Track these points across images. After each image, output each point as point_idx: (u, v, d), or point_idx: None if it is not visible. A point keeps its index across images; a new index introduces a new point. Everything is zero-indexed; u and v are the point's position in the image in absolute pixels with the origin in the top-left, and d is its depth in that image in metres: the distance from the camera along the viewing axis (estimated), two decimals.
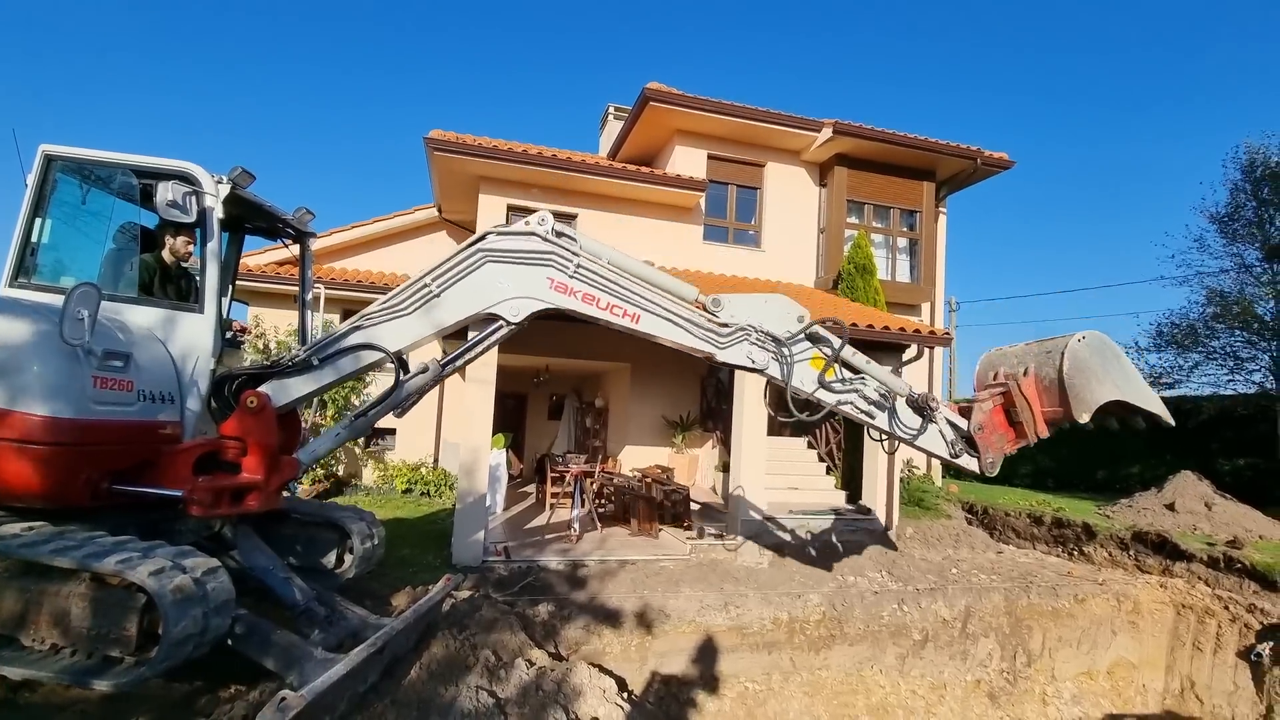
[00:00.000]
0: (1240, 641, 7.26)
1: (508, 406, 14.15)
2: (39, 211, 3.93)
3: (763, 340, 4.03)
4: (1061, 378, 3.76)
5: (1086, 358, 3.76)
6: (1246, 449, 12.22)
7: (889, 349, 9.23)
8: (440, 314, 3.84)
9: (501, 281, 3.81)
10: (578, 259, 3.81)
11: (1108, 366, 3.79)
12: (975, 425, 4.07)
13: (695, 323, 3.96)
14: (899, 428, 4.15)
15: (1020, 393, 3.92)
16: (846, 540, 8.75)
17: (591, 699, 4.18)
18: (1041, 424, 3.93)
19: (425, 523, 8.84)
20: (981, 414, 4.06)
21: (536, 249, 3.80)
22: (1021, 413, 3.93)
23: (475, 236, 3.83)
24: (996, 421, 4.06)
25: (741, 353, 4.01)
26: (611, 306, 3.87)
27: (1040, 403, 3.92)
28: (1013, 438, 4.07)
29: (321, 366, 3.88)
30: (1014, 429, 4.04)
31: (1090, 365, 3.75)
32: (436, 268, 3.83)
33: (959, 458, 4.15)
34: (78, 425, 3.32)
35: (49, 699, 3.42)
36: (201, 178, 3.91)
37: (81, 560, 3.04)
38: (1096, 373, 3.74)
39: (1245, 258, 12.46)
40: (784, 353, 4.01)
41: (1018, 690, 6.97)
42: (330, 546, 4.89)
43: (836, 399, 4.09)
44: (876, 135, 11.70)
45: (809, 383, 4.06)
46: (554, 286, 3.81)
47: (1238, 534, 8.66)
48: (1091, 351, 3.78)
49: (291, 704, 2.80)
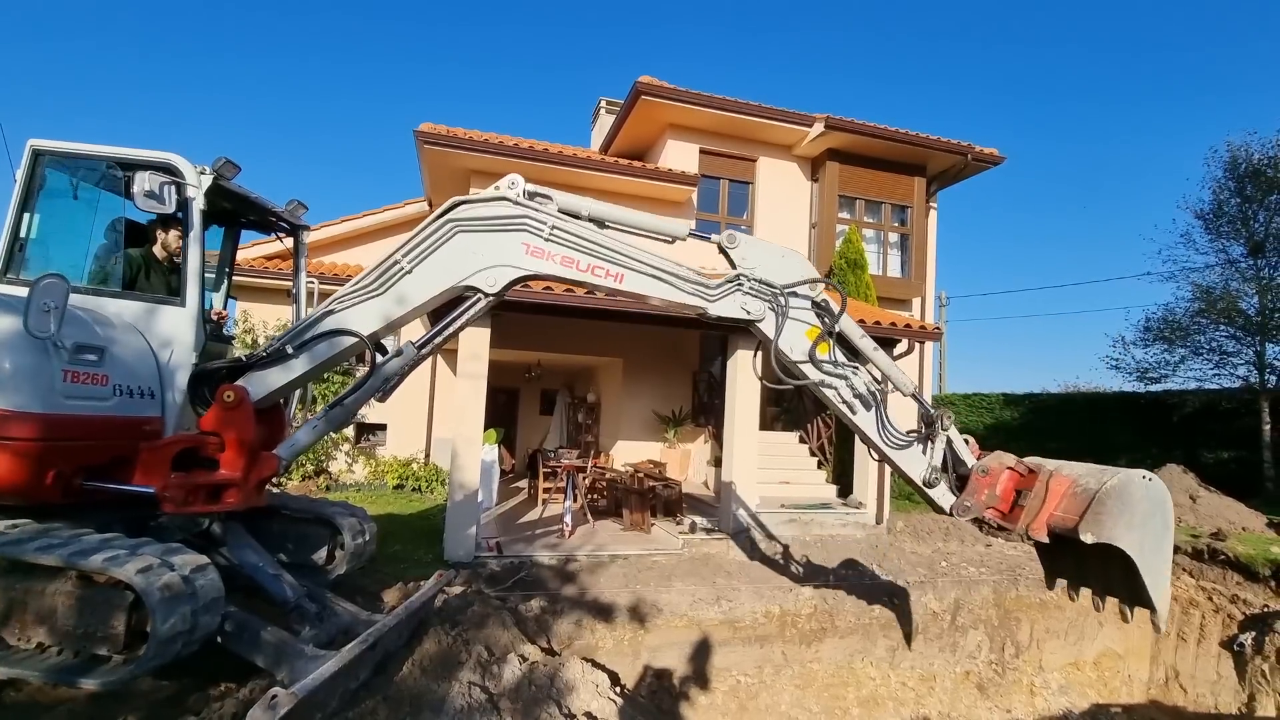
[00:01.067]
0: (1223, 632, 7.38)
1: (499, 401, 14.12)
2: (27, 206, 3.89)
3: (757, 289, 3.81)
4: (1099, 492, 3.36)
5: (1136, 495, 3.34)
6: (1230, 442, 12.39)
7: (880, 344, 9.24)
8: (414, 291, 3.66)
9: (475, 251, 3.61)
10: (552, 220, 3.61)
11: (1150, 521, 3.36)
12: (980, 466, 3.76)
13: (683, 277, 3.75)
14: (883, 433, 3.90)
15: (1045, 483, 3.57)
16: (838, 534, 8.81)
17: (584, 693, 4.18)
18: (1042, 521, 3.56)
19: (417, 518, 8.82)
20: (996, 463, 3.74)
21: (508, 214, 3.60)
22: (1032, 499, 3.58)
23: (444, 206, 3.62)
24: (1002, 482, 3.73)
25: (735, 304, 3.80)
26: (592, 268, 3.66)
27: (1057, 503, 3.54)
28: (1003, 511, 3.72)
29: (297, 355, 3.73)
30: (1011, 508, 3.70)
31: (1134, 504, 3.33)
32: (407, 243, 3.64)
33: (931, 487, 3.85)
34: (45, 420, 3.26)
35: (35, 698, 3.39)
36: (183, 168, 3.86)
37: (67, 558, 3.00)
38: (1134, 515, 3.32)
39: (1230, 253, 12.61)
40: (780, 302, 3.80)
41: (1006, 681, 7.05)
42: (321, 543, 4.86)
43: (820, 378, 3.86)
44: (868, 130, 11.71)
45: (799, 350, 3.86)
46: (530, 252, 3.61)
47: (1222, 526, 8.78)
48: (1145, 494, 3.36)
49: (282, 701, 2.79)
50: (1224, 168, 12.38)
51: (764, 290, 3.83)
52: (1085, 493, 3.43)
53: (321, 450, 11.24)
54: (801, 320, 3.90)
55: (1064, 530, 3.45)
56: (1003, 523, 3.72)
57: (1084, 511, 3.37)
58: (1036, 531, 3.57)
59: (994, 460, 3.76)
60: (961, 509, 3.76)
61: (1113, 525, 3.31)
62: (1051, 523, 3.52)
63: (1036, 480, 3.62)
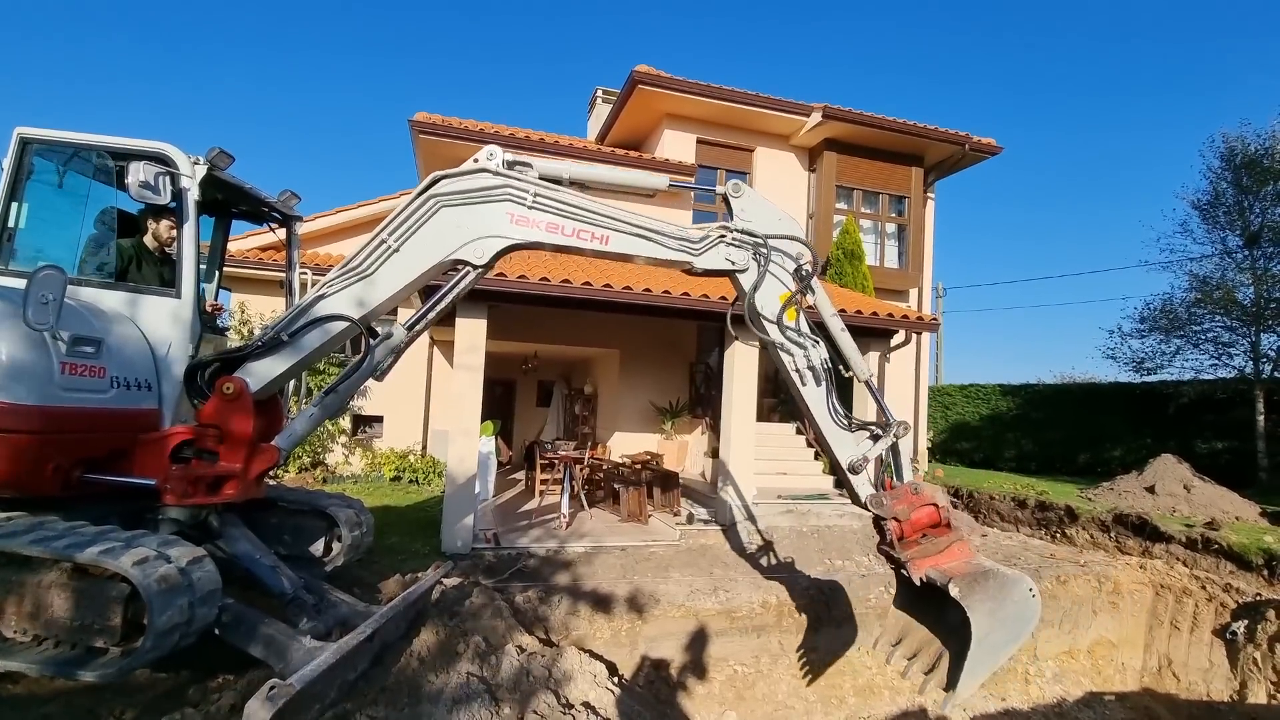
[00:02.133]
0: (1216, 620, 7.43)
1: (496, 393, 14.10)
2: (15, 196, 3.84)
3: (740, 239, 3.87)
4: (988, 569, 3.53)
5: (1014, 595, 3.46)
6: (1225, 432, 12.44)
7: (877, 334, 9.28)
8: (404, 269, 3.66)
9: (460, 225, 3.63)
10: (535, 188, 3.65)
11: (1008, 622, 3.45)
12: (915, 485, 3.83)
13: (667, 234, 3.81)
14: (828, 410, 3.94)
15: (953, 540, 3.69)
16: (835, 524, 8.84)
17: (582, 683, 4.20)
18: (923, 563, 3.64)
19: (414, 510, 8.82)
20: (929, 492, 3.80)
21: (489, 185, 3.63)
22: (931, 543, 3.69)
23: (425, 182, 3.62)
24: (921, 508, 3.77)
25: (719, 255, 3.86)
26: (578, 232, 3.70)
27: (944, 560, 3.64)
28: (905, 532, 3.76)
29: (292, 342, 3.71)
30: (916, 536, 3.77)
31: (1007, 600, 3.46)
32: (391, 221, 3.64)
33: (855, 473, 3.89)
34: (44, 412, 3.24)
35: (33, 690, 3.38)
36: (177, 159, 3.82)
37: (63, 550, 2.99)
38: (1001, 607, 3.44)
39: (1227, 243, 12.62)
40: (763, 253, 3.86)
41: (1000, 670, 7.10)
42: (318, 534, 4.86)
43: (781, 341, 3.93)
44: (866, 120, 11.66)
45: (769, 309, 3.92)
46: (515, 221, 3.65)
47: (1215, 515, 8.83)
48: (1022, 600, 3.48)
49: (281, 693, 2.78)
50: (1220, 158, 12.37)
51: (747, 241, 3.89)
52: (976, 565, 3.58)
53: (318, 442, 11.22)
54: (780, 280, 3.96)
55: (937, 580, 3.55)
56: (895, 541, 3.77)
57: (965, 574, 3.51)
58: (916, 569, 3.64)
59: (929, 488, 3.84)
60: (876, 502, 3.81)
61: (979, 600, 3.42)
62: (931, 570, 3.60)
63: (947, 533, 3.73)
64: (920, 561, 3.65)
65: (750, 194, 3.99)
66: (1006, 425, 16.73)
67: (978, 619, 3.39)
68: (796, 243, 4.00)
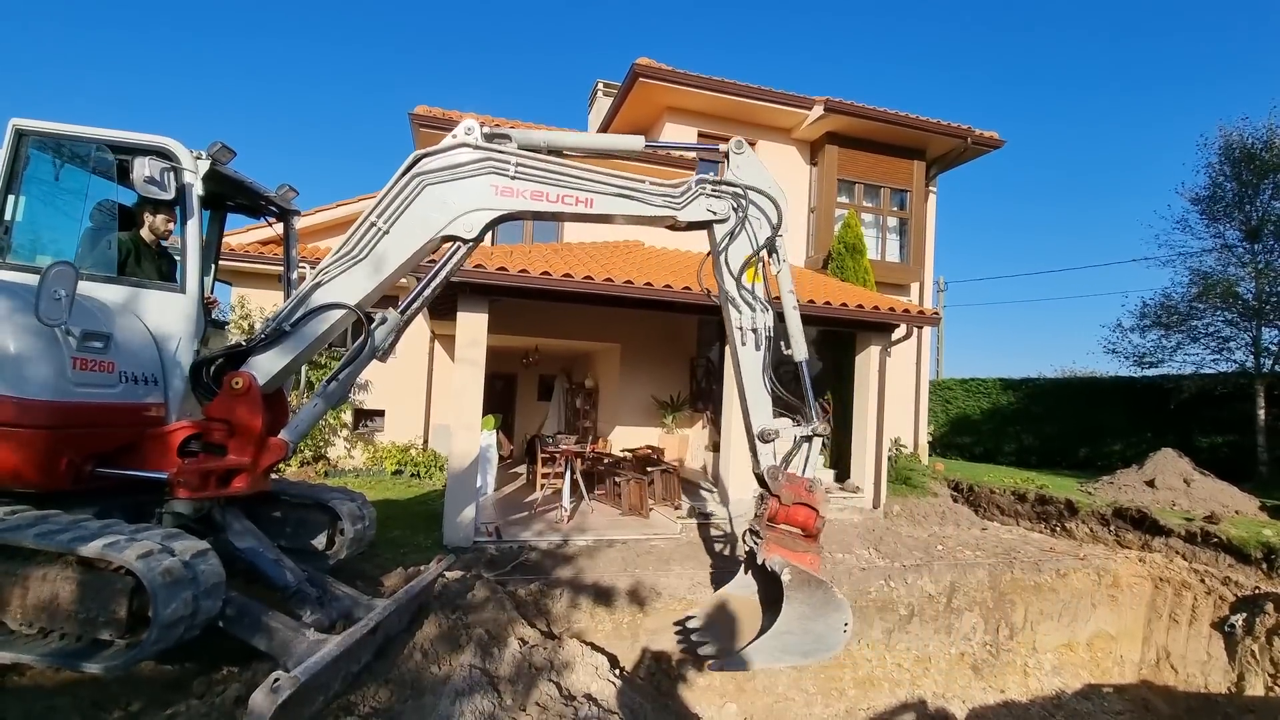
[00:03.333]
0: (1215, 614, 7.47)
1: (497, 388, 14.11)
2: (11, 188, 3.81)
3: (720, 190, 3.94)
4: (821, 584, 3.63)
5: (825, 617, 3.58)
6: (1225, 427, 12.45)
7: (878, 329, 9.27)
8: (395, 250, 3.70)
9: (446, 201, 3.67)
10: (516, 158, 3.69)
11: (805, 637, 3.56)
12: (814, 482, 3.87)
13: (649, 190, 3.87)
14: (758, 377, 3.96)
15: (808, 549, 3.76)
16: (835, 518, 8.86)
17: (584, 675, 4.22)
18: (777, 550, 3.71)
19: (416, 504, 8.84)
20: (819, 496, 3.83)
21: (471, 159, 3.66)
22: (794, 540, 3.78)
23: (407, 162, 3.65)
24: (802, 506, 3.80)
25: (701, 207, 3.92)
26: (562, 197, 3.76)
27: (795, 557, 3.70)
28: (780, 517, 3.82)
29: (294, 332, 3.75)
30: (783, 523, 3.82)
31: (815, 616, 3.57)
32: (379, 204, 3.66)
33: (763, 441, 3.94)
34: (57, 407, 3.26)
35: (39, 682, 3.40)
36: (180, 153, 3.81)
37: (68, 544, 3.01)
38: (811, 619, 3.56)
39: (1227, 238, 12.59)
40: (742, 203, 3.92)
41: (1000, 662, 7.14)
42: (321, 528, 4.87)
43: (734, 295, 3.96)
44: (868, 113, 11.62)
45: (735, 263, 3.97)
46: (500, 192, 3.69)
47: (1215, 509, 8.85)
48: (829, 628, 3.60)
49: (285, 685, 2.80)
50: (1219, 152, 12.33)
51: (727, 191, 3.93)
52: (818, 577, 3.64)
53: (320, 436, 11.24)
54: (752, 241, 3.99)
55: (777, 568, 3.63)
56: (768, 518, 3.84)
57: (799, 571, 3.59)
58: (767, 551, 3.73)
59: (821, 498, 3.83)
60: (772, 474, 3.86)
61: (801, 600, 3.53)
62: (775, 561, 3.68)
63: (811, 543, 3.79)
64: (774, 547, 3.74)
65: (751, 154, 4.06)
66: (1007, 419, 16.74)
67: (789, 613, 3.52)
68: (777, 210, 4.03)
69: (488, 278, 6.96)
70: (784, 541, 3.77)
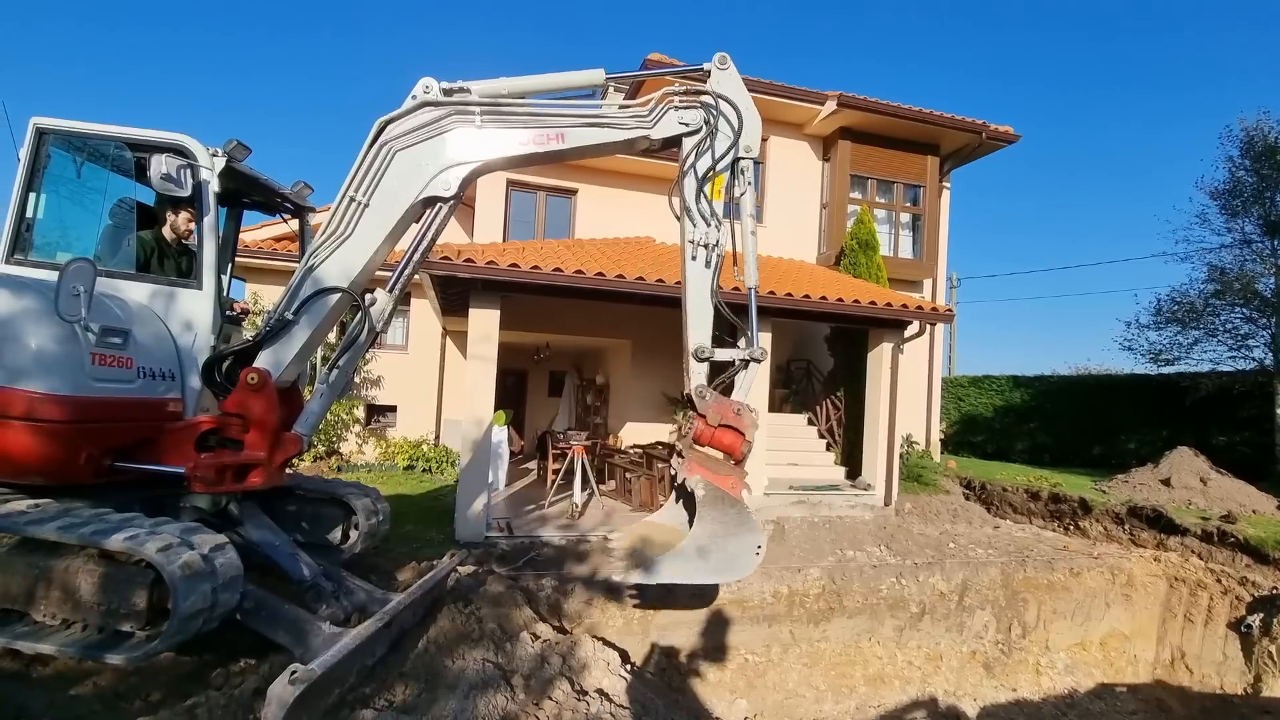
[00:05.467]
0: (1231, 614, 7.39)
1: (508, 383, 14.16)
2: (32, 186, 3.86)
3: (688, 100, 3.79)
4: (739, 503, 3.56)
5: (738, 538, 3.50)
6: (1243, 425, 12.28)
7: (891, 325, 9.21)
8: (379, 221, 3.68)
9: (420, 163, 3.62)
10: (480, 106, 3.64)
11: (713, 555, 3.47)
12: (743, 406, 3.71)
13: (616, 115, 3.80)
14: (704, 294, 3.80)
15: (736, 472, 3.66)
16: (846, 515, 8.84)
17: (596, 670, 4.24)
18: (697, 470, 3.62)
19: (428, 499, 8.90)
20: (750, 420, 3.69)
21: (435, 117, 3.62)
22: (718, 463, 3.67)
23: (373, 132, 3.60)
24: (728, 429, 3.66)
25: (672, 120, 3.78)
26: (533, 138, 3.69)
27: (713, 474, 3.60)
28: (705, 439, 3.70)
29: (298, 319, 3.76)
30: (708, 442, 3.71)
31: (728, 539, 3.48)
32: (354, 178, 3.63)
33: (697, 360, 3.74)
34: (77, 402, 3.31)
35: (61, 672, 3.46)
36: (196, 150, 3.84)
37: (90, 537, 3.06)
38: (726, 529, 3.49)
39: (1246, 233, 12.38)
40: (713, 112, 3.75)
41: (1012, 661, 7.10)
42: (336, 522, 4.92)
43: (692, 207, 3.79)
44: (881, 108, 11.52)
45: (698, 174, 3.80)
46: (470, 144, 3.65)
47: (1232, 509, 8.74)
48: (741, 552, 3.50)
49: (302, 677, 2.83)
50: (1239, 146, 12.13)
51: (696, 101, 3.79)
52: (735, 497, 3.57)
53: (333, 431, 11.33)
54: (717, 153, 3.80)
55: (694, 487, 3.56)
56: (693, 439, 3.73)
57: (719, 492, 3.53)
58: (688, 470, 3.63)
59: (750, 422, 3.69)
60: (700, 394, 3.70)
61: (714, 516, 3.47)
62: (694, 481, 3.59)
63: (734, 468, 3.68)
64: (695, 466, 3.63)
65: (734, 70, 3.85)
66: (1020, 417, 16.59)
67: (701, 528, 3.46)
68: (741, 121, 3.83)
69: (499, 274, 6.98)
70: (705, 463, 3.67)
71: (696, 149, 3.80)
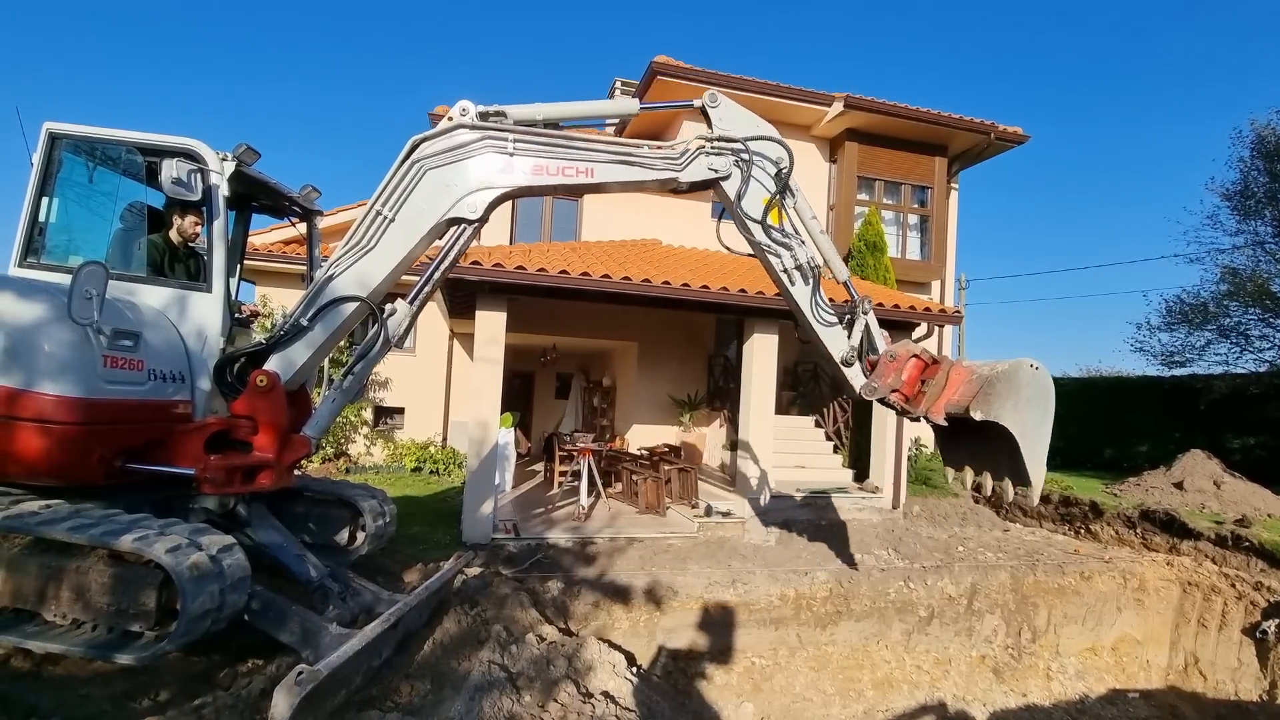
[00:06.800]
0: (1246, 619, 7.29)
1: (515, 385, 14.19)
2: (45, 190, 3.91)
3: (720, 147, 3.90)
4: (990, 376, 3.62)
5: (1023, 380, 3.56)
6: (1257, 428, 12.14)
7: (898, 327, 9.17)
8: (404, 236, 3.72)
9: (448, 184, 3.68)
10: (513, 134, 3.69)
11: (1033, 404, 3.57)
12: (890, 352, 3.91)
13: (648, 155, 3.87)
14: (816, 308, 4.03)
15: (947, 372, 3.79)
16: (854, 518, 8.79)
17: (602, 673, 4.23)
18: (940, 405, 3.75)
19: (435, 500, 8.93)
20: (904, 349, 3.89)
21: (468, 140, 3.67)
22: (933, 385, 3.78)
23: (406, 148, 3.67)
24: (908, 368, 3.85)
25: (702, 166, 3.89)
26: (563, 169, 3.76)
27: (955, 390, 3.74)
28: (907, 394, 3.85)
29: (313, 326, 3.79)
30: (916, 390, 3.86)
31: (1021, 387, 3.55)
32: (382, 192, 3.68)
33: (848, 365, 4.02)
34: (89, 404, 3.34)
35: (72, 671, 3.49)
36: (206, 155, 3.87)
37: (99, 538, 3.08)
38: (1020, 397, 3.55)
39: (1259, 234, 12.25)
40: (744, 159, 3.90)
41: (1022, 665, 7.04)
42: (342, 524, 4.94)
43: (766, 242, 3.97)
44: (888, 109, 11.48)
45: (755, 211, 3.95)
46: (501, 169, 3.71)
47: (1247, 513, 8.63)
48: (1031, 380, 3.57)
49: (309, 678, 2.85)
50: (1251, 147, 12.00)
51: (727, 147, 3.92)
52: (978, 378, 3.67)
53: (341, 433, 11.39)
54: (763, 185, 3.98)
55: (958, 412, 3.67)
56: (906, 405, 3.87)
57: (976, 394, 3.62)
58: (935, 414, 3.76)
59: (901, 347, 3.92)
60: (869, 390, 3.91)
61: (1000, 406, 3.54)
62: (949, 406, 3.73)
63: (939, 369, 3.83)
64: (936, 407, 3.77)
65: (727, 103, 4.00)
66: None
67: (1009, 420, 3.53)
68: (775, 145, 4.01)
69: (506, 276, 7.00)
70: (933, 395, 3.76)
71: (739, 190, 3.92)
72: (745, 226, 4.00)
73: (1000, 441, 3.60)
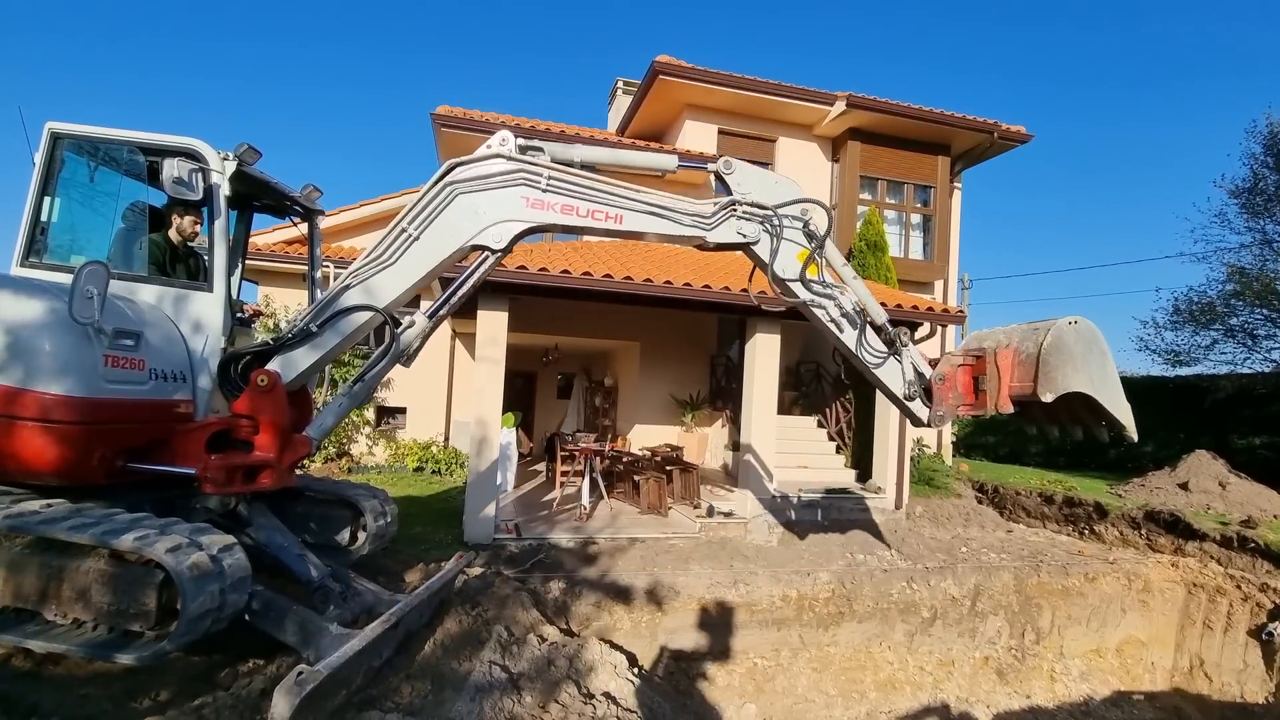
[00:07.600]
0: (1252, 621, 7.25)
1: (517, 385, 14.20)
2: (47, 190, 3.91)
3: (751, 212, 3.95)
4: (1040, 353, 3.62)
5: (1070, 342, 3.61)
6: (1263, 428, 12.08)
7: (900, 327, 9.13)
8: (425, 256, 3.74)
9: (477, 210, 3.70)
10: (549, 171, 3.72)
11: (1089, 358, 3.62)
12: (938, 375, 3.97)
13: (679, 210, 3.88)
14: (864, 350, 4.12)
15: (994, 362, 3.81)
16: (856, 518, 8.76)
17: (603, 674, 4.22)
18: (1005, 397, 3.79)
19: (437, 500, 8.92)
20: (948, 366, 3.96)
21: (504, 170, 3.70)
22: (989, 381, 3.82)
23: (441, 170, 3.70)
24: (960, 380, 3.96)
25: (731, 229, 3.94)
26: (592, 212, 3.78)
27: (1010, 376, 3.78)
28: (971, 402, 3.95)
29: (321, 332, 3.80)
30: (977, 395, 3.92)
31: (1072, 350, 3.60)
32: (411, 210, 3.71)
33: (912, 400, 4.11)
34: (90, 404, 3.34)
35: (73, 671, 3.49)
36: (207, 154, 3.87)
37: (100, 537, 3.08)
38: (1075, 359, 3.59)
39: (1267, 232, 12.18)
40: (773, 223, 3.95)
41: (1026, 667, 7.01)
42: (344, 524, 4.94)
43: (810, 297, 4.04)
44: (891, 108, 11.45)
45: (790, 271, 4.00)
46: (530, 204, 3.72)
47: (1252, 513, 8.59)
48: (1078, 337, 3.62)
49: (309, 678, 2.84)
50: (1262, 143, 11.92)
51: (757, 213, 3.96)
52: (1030, 359, 3.69)
53: (343, 433, 11.40)
54: (794, 242, 4.04)
55: (1026, 397, 3.71)
56: (975, 412, 3.96)
57: (1035, 375, 3.64)
58: (1004, 407, 3.81)
59: (946, 365, 4.00)
60: (938, 419, 4.02)
61: (1063, 377, 3.57)
62: (1013, 394, 3.78)
63: (985, 363, 3.86)
64: (1001, 400, 3.82)
65: (740, 167, 4.04)
66: None
67: (1077, 385, 3.58)
68: (801, 203, 4.05)
69: (508, 276, 6.99)
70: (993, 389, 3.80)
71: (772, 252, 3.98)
72: (785, 288, 4.06)
73: (1075, 399, 3.65)
